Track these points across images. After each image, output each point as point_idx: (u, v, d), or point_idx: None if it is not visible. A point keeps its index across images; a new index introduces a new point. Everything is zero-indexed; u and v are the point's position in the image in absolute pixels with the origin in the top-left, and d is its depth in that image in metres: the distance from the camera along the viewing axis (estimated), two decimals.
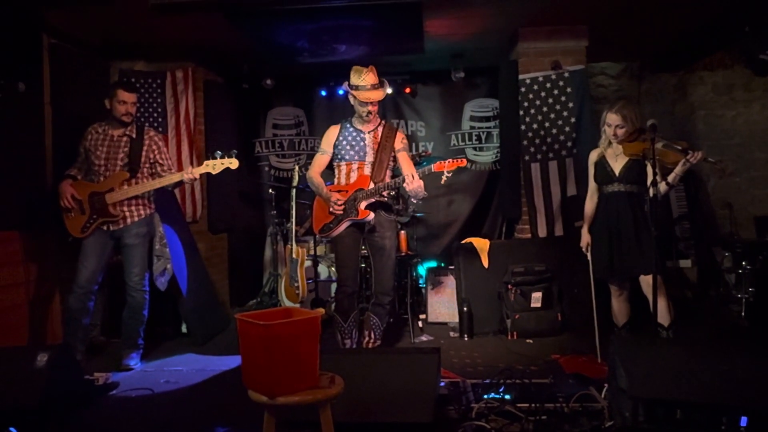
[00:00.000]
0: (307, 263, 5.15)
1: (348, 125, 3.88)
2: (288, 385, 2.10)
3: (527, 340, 4.43)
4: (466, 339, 4.54)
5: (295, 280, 5.05)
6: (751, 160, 6.02)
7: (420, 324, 4.81)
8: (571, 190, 4.92)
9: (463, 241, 4.90)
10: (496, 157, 6.03)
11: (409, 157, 3.88)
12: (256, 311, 2.38)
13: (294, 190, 5.07)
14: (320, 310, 2.29)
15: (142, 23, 4.43)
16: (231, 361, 3.97)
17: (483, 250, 4.73)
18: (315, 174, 3.88)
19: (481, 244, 4.76)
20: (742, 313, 4.64)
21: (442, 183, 3.54)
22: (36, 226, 4.10)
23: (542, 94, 4.97)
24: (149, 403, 3.30)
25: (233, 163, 3.88)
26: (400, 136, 3.84)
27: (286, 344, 2.08)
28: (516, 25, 4.90)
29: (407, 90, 6.06)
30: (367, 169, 3.77)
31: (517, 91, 5.04)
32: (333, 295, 4.74)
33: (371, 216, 3.72)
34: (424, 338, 4.62)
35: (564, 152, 4.95)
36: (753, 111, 6.04)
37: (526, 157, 5.01)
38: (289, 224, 5.17)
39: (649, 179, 3.35)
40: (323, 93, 6.18)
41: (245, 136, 6.25)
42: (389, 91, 3.98)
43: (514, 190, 5.24)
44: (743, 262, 4.70)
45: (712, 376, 2.46)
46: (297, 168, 5.15)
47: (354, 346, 3.83)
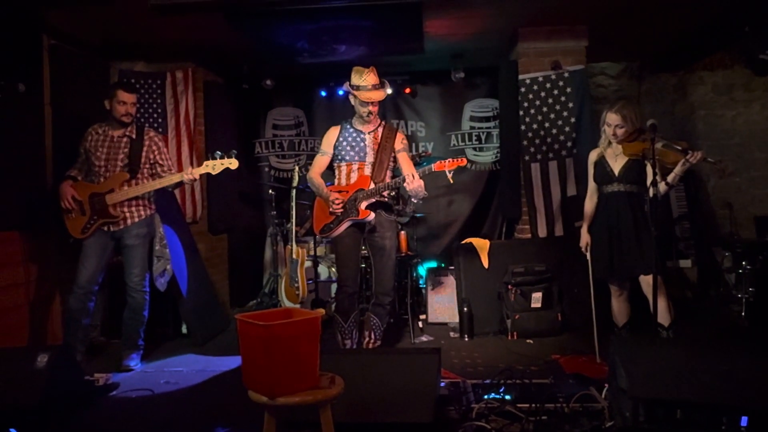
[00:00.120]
0: (307, 264, 5.15)
1: (348, 126, 3.88)
2: (288, 386, 2.10)
3: (527, 341, 4.43)
4: (467, 339, 4.54)
5: (295, 280, 5.05)
6: (751, 160, 6.02)
7: (420, 324, 4.81)
8: (571, 190, 4.92)
9: (463, 242, 4.90)
10: (496, 157, 6.03)
11: (409, 157, 3.88)
12: (256, 312, 2.38)
13: (294, 191, 5.07)
14: (320, 311, 2.30)
15: (142, 24, 4.43)
16: (231, 362, 3.97)
17: (483, 250, 4.73)
18: (315, 175, 3.88)
19: (481, 244, 4.76)
20: (742, 313, 4.64)
21: (450, 182, 3.54)
22: (36, 227, 4.10)
23: (542, 94, 4.97)
24: (149, 404, 3.30)
25: (233, 164, 3.88)
26: (400, 137, 3.84)
27: (286, 345, 2.08)
28: (516, 25, 4.90)
29: (407, 90, 6.06)
30: (368, 170, 3.77)
31: (517, 92, 5.04)
32: (333, 296, 4.74)
33: (371, 216, 3.72)
34: (425, 338, 4.62)
35: (564, 152, 4.95)
36: (753, 111, 6.04)
37: (526, 157, 5.01)
38: (289, 225, 5.18)
39: (649, 179, 3.35)
40: (323, 93, 6.18)
41: (245, 137, 6.25)
42: (389, 91, 3.99)
43: (514, 190, 5.24)
44: (743, 262, 4.70)
45: (712, 376, 2.45)
46: (297, 168, 5.15)
47: (354, 347, 3.83)
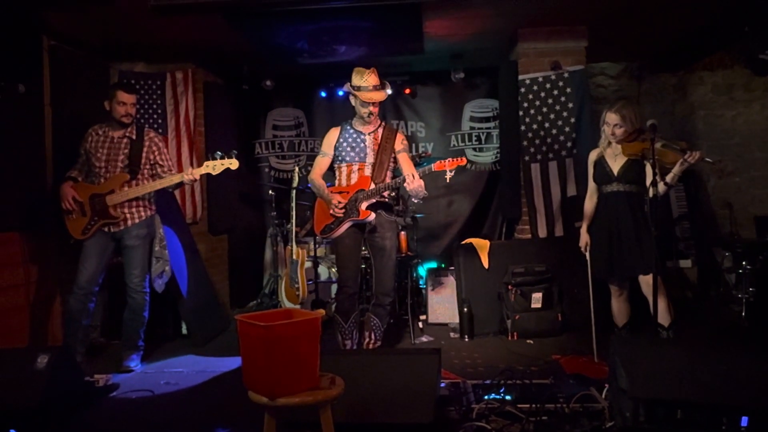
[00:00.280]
0: (308, 264, 5.16)
1: (348, 127, 3.89)
2: (288, 386, 2.10)
3: (527, 341, 4.43)
4: (467, 340, 4.54)
5: (296, 281, 5.05)
6: (751, 160, 6.02)
7: (420, 325, 4.81)
8: (571, 191, 4.92)
9: (463, 242, 4.91)
10: (496, 157, 6.03)
11: (409, 157, 3.89)
12: (257, 312, 2.38)
13: (294, 191, 5.07)
14: (320, 311, 2.29)
15: (142, 24, 4.43)
16: (231, 363, 3.97)
17: (483, 250, 4.73)
18: (316, 176, 3.89)
19: (482, 245, 4.76)
20: (743, 313, 4.63)
21: (447, 181, 3.54)
22: (36, 228, 4.10)
23: (542, 94, 4.97)
24: (149, 405, 3.30)
25: (233, 164, 3.88)
26: (400, 138, 3.85)
27: (286, 345, 2.08)
28: (516, 25, 4.90)
29: (407, 91, 6.06)
30: (368, 170, 3.77)
31: (517, 92, 5.04)
32: (333, 296, 4.74)
33: (372, 216, 3.72)
34: (425, 339, 4.62)
35: (564, 152, 4.95)
36: (753, 111, 6.04)
37: (526, 158, 5.01)
38: (289, 225, 5.18)
39: (649, 179, 3.35)
40: (323, 94, 6.18)
41: (245, 138, 6.26)
42: (390, 92, 3.99)
43: (514, 190, 5.24)
44: (743, 262, 4.70)
45: (712, 376, 2.46)
46: (297, 169, 5.15)
47: (354, 347, 3.83)
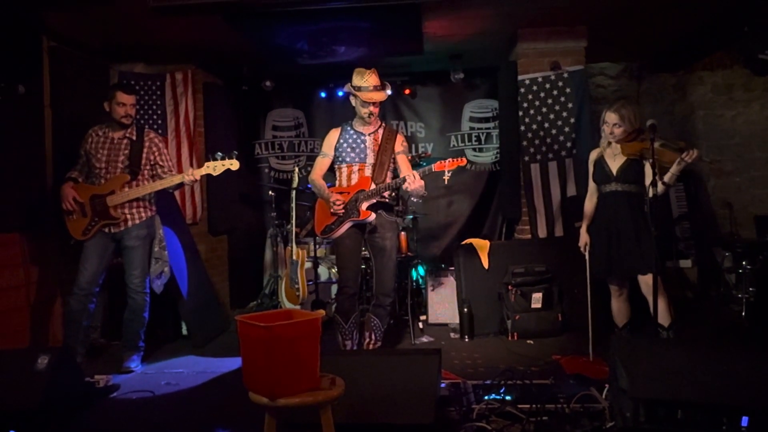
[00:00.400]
0: (308, 265, 5.15)
1: (348, 128, 3.89)
2: (289, 387, 2.10)
3: (528, 341, 4.43)
4: (467, 340, 4.53)
5: (296, 281, 5.05)
6: (751, 160, 6.02)
7: (420, 325, 4.81)
8: (571, 191, 4.92)
9: (463, 242, 4.90)
10: (496, 157, 6.03)
11: (408, 159, 3.90)
12: (257, 313, 2.38)
13: (294, 192, 5.07)
14: (320, 312, 2.30)
15: (142, 25, 4.43)
16: (231, 363, 3.97)
17: (483, 250, 4.73)
18: (317, 177, 3.90)
19: (482, 245, 4.76)
20: (743, 313, 4.64)
21: (445, 183, 3.54)
22: (36, 229, 4.10)
23: (541, 94, 4.97)
24: (150, 406, 3.30)
25: (234, 164, 3.88)
26: (400, 139, 3.86)
27: (286, 346, 2.08)
28: (515, 26, 4.90)
29: (407, 91, 6.07)
30: (368, 171, 3.78)
31: (517, 92, 5.04)
32: (333, 297, 4.74)
33: (372, 216, 3.73)
34: (425, 339, 4.62)
35: (563, 153, 4.95)
36: (752, 111, 6.04)
37: (526, 158, 5.01)
38: (289, 226, 5.17)
39: (648, 179, 3.35)
40: (323, 95, 6.19)
41: (245, 138, 6.26)
42: (390, 92, 4.00)
43: (514, 190, 5.24)
44: (743, 262, 4.70)
45: (712, 376, 2.46)
46: (297, 170, 5.15)
47: (355, 348, 3.83)
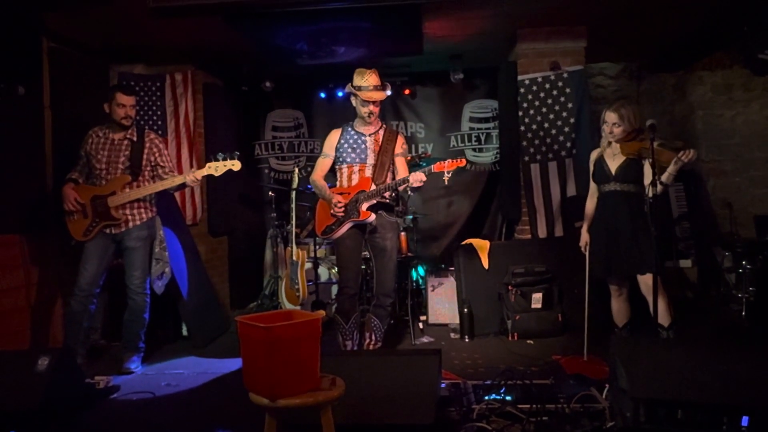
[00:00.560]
0: (308, 265, 5.16)
1: (349, 129, 3.90)
2: (289, 388, 2.10)
3: (528, 341, 4.43)
4: (467, 340, 4.54)
5: (296, 282, 5.05)
6: (751, 160, 6.02)
7: (420, 325, 4.81)
8: (571, 191, 4.92)
9: (463, 242, 4.90)
10: (496, 158, 6.03)
11: (407, 160, 3.95)
12: (257, 314, 2.39)
13: (294, 192, 5.07)
14: (321, 312, 2.30)
15: (142, 26, 4.44)
16: (232, 364, 3.97)
17: (483, 250, 4.73)
18: (318, 177, 3.90)
19: (482, 245, 4.76)
20: (743, 313, 4.64)
21: (445, 183, 3.55)
22: (36, 230, 4.10)
23: (541, 94, 4.98)
24: (150, 407, 3.30)
25: (235, 165, 3.87)
26: (400, 141, 3.88)
27: (287, 347, 2.08)
28: (515, 26, 4.91)
29: (406, 92, 6.07)
30: (369, 172, 3.79)
31: (516, 92, 5.05)
32: (333, 297, 4.74)
33: (372, 217, 3.73)
34: (425, 339, 4.62)
35: (563, 153, 4.95)
36: (752, 110, 6.04)
37: (526, 158, 5.01)
38: (289, 226, 5.17)
39: (648, 179, 3.35)
40: (322, 95, 6.19)
41: (245, 139, 6.26)
42: (389, 93, 4.01)
43: (514, 190, 5.24)
44: (743, 262, 4.70)
45: (712, 376, 2.46)
46: (296, 170, 5.15)
47: (355, 348, 3.83)
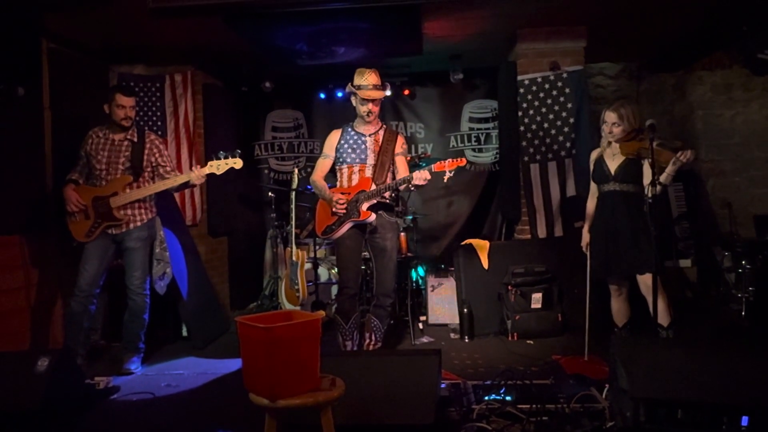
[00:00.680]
0: (308, 266, 5.16)
1: (349, 129, 3.91)
2: (289, 388, 2.10)
3: (528, 341, 4.43)
4: (467, 340, 4.54)
5: (296, 282, 5.05)
6: (751, 160, 6.02)
7: (420, 326, 4.81)
8: (571, 191, 4.92)
9: (463, 242, 4.90)
10: (496, 158, 6.03)
11: (407, 160, 3.95)
12: (257, 314, 2.39)
13: (293, 193, 5.07)
14: (321, 313, 2.30)
15: (141, 27, 4.44)
16: (232, 365, 3.97)
17: (483, 250, 4.73)
18: (318, 178, 3.90)
19: (481, 245, 4.76)
20: (743, 313, 4.64)
21: (445, 182, 3.55)
22: (36, 230, 4.10)
23: (541, 95, 4.98)
24: (150, 407, 3.30)
25: (237, 163, 3.88)
26: (400, 141, 3.88)
27: (287, 347, 2.08)
28: (514, 26, 4.91)
29: (406, 92, 6.07)
30: (369, 172, 3.79)
31: (516, 92, 5.05)
32: (333, 298, 4.74)
33: (372, 217, 3.73)
34: (425, 340, 4.62)
35: (563, 153, 4.95)
36: (752, 110, 6.05)
37: (525, 158, 5.01)
38: (289, 227, 5.18)
39: (647, 179, 3.35)
40: (322, 96, 6.19)
41: (244, 139, 6.26)
42: (389, 93, 4.02)
43: (514, 191, 5.24)
44: (743, 262, 4.70)
45: (712, 376, 2.46)
46: (296, 170, 5.15)
47: (355, 348, 3.83)
